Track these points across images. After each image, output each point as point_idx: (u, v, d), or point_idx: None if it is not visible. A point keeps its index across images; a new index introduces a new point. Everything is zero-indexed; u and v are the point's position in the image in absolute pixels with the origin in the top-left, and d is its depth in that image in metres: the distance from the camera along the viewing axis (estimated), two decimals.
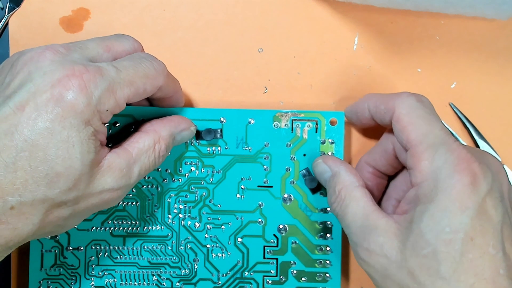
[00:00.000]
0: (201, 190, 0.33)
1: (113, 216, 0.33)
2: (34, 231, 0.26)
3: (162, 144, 0.30)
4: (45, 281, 0.33)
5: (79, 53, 0.28)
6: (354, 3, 0.35)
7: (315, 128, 0.33)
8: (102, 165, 0.27)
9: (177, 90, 0.32)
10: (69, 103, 0.25)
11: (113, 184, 0.27)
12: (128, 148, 0.29)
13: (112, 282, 0.33)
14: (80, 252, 0.33)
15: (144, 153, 0.29)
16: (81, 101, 0.25)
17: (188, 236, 0.33)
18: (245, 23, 0.36)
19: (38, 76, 0.25)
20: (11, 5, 0.35)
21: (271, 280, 0.34)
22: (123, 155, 0.28)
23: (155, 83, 0.29)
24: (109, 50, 0.29)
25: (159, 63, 0.29)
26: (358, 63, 0.36)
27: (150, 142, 0.29)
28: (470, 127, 0.35)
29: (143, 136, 0.29)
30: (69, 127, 0.25)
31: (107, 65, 0.27)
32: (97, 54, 0.28)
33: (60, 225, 0.27)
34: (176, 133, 0.31)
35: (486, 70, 0.36)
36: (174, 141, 0.31)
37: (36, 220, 0.25)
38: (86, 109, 0.26)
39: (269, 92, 0.36)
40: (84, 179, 0.26)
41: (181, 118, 0.32)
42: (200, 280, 0.33)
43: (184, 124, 0.32)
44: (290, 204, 0.34)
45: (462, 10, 0.34)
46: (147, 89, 0.29)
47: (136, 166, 0.29)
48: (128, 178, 0.28)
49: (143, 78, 0.28)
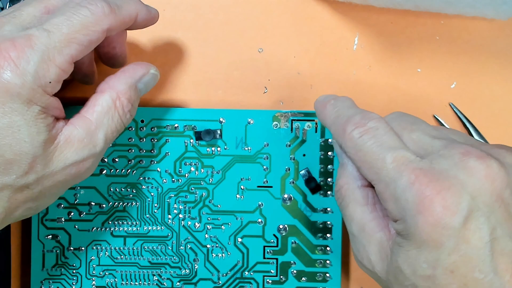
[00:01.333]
0: (200, 191, 0.34)
1: (113, 216, 0.33)
2: (1, 218, 0.25)
3: (123, 99, 0.27)
4: (47, 281, 0.33)
5: (11, 24, 0.25)
6: (354, 3, 0.35)
7: (314, 128, 0.34)
8: (58, 142, 0.25)
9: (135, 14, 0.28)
10: (3, 86, 0.23)
11: (75, 157, 0.26)
12: (86, 115, 0.27)
13: (113, 282, 0.33)
14: (81, 252, 0.33)
15: (105, 114, 0.27)
16: (14, 82, 0.24)
17: (188, 236, 0.34)
18: (245, 23, 0.36)
19: None
20: (11, 5, 0.35)
21: (271, 280, 0.34)
22: (81, 124, 0.26)
23: (98, 29, 0.26)
24: (48, 11, 0.26)
25: (96, 3, 0.26)
26: (358, 63, 0.36)
27: (108, 102, 0.27)
28: (470, 127, 0.35)
29: (99, 97, 0.27)
30: (10, 111, 0.24)
31: (37, 31, 0.24)
32: (34, 18, 0.26)
33: (31, 207, 0.26)
34: (135, 82, 0.28)
35: (486, 70, 0.36)
36: (138, 91, 0.29)
37: (1, 209, 0.25)
38: (23, 89, 0.24)
39: (269, 92, 0.36)
40: (39, 161, 0.25)
41: (136, 65, 0.29)
42: (200, 280, 0.34)
43: (141, 70, 0.29)
44: (290, 204, 0.34)
45: (462, 10, 0.34)
46: (92, 40, 0.26)
47: (100, 131, 0.27)
48: (92, 147, 0.26)
49: (82, 30, 0.25)
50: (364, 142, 0.25)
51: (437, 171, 0.23)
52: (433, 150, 0.24)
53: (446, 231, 0.22)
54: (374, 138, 0.25)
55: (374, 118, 0.26)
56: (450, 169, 0.23)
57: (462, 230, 0.22)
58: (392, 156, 0.24)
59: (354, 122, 0.26)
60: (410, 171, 0.23)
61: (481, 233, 0.22)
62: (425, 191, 0.23)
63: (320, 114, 0.29)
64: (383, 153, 0.24)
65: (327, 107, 0.28)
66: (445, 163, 0.23)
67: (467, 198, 0.22)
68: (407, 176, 0.23)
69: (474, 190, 0.23)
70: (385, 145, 0.25)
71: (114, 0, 0.27)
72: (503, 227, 0.23)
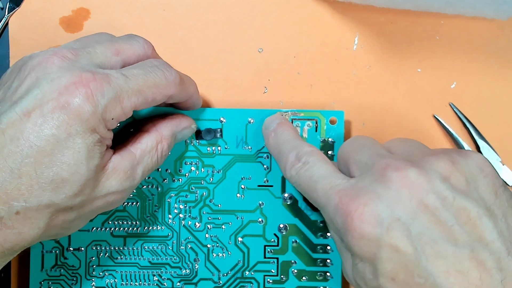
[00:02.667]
0: (201, 190, 0.33)
1: (114, 216, 0.33)
2: (39, 235, 0.26)
3: (164, 143, 0.30)
4: (46, 282, 0.33)
5: (87, 59, 0.27)
6: (354, 3, 0.35)
7: (315, 127, 0.34)
8: (107, 169, 0.27)
9: (191, 95, 0.31)
10: (75, 110, 0.25)
11: (117, 186, 0.28)
12: (132, 150, 0.29)
13: (113, 282, 0.33)
14: (81, 252, 0.33)
15: (147, 153, 0.29)
16: (87, 109, 0.25)
17: (188, 236, 0.33)
18: (245, 23, 0.36)
19: (45, 83, 0.25)
20: (11, 5, 0.35)
21: (271, 279, 0.34)
22: (127, 157, 0.28)
23: (164, 92, 0.28)
24: (118, 54, 0.29)
25: (171, 72, 0.29)
26: (358, 63, 0.36)
27: (153, 143, 0.29)
28: (470, 127, 0.35)
29: (145, 137, 0.29)
30: (75, 134, 0.25)
31: (116, 73, 0.27)
32: (106, 58, 0.28)
33: (66, 227, 0.27)
34: (177, 131, 0.31)
35: (486, 70, 0.36)
36: (175, 140, 0.31)
37: (42, 224, 0.26)
38: (92, 117, 0.26)
39: (269, 92, 0.36)
40: (89, 184, 0.26)
41: (183, 117, 0.32)
42: (201, 280, 0.34)
43: (186, 123, 0.32)
44: (290, 204, 0.34)
45: (462, 10, 0.34)
46: (156, 99, 0.28)
47: (140, 167, 0.29)
48: (132, 180, 0.28)
49: (152, 87, 0.28)
50: (300, 177, 0.28)
51: (358, 188, 0.25)
52: (367, 169, 0.26)
53: (373, 242, 0.24)
54: (306, 172, 0.28)
55: (306, 154, 0.29)
56: (370, 184, 0.25)
57: (388, 239, 0.24)
58: (321, 185, 0.27)
59: (290, 162, 0.29)
60: (335, 194, 0.26)
61: (406, 240, 0.24)
62: (347, 209, 0.25)
63: (266, 144, 0.32)
64: (313, 184, 0.27)
65: (269, 140, 0.32)
66: (367, 180, 0.25)
67: (385, 209, 0.24)
68: (333, 200, 0.26)
69: (391, 200, 0.24)
70: (315, 176, 0.27)
71: (183, 76, 0.30)
72: (432, 231, 0.24)
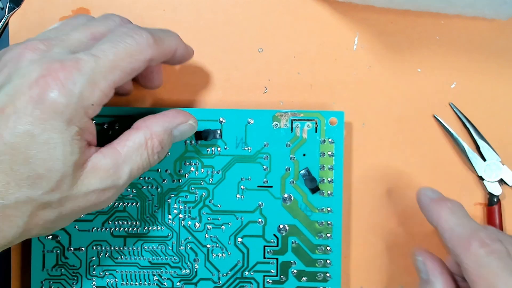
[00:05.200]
0: (201, 191, 0.34)
1: (114, 216, 0.33)
2: (19, 233, 0.25)
3: (155, 140, 0.28)
4: (47, 281, 0.33)
5: (60, 47, 0.26)
6: (354, 3, 0.35)
7: (314, 128, 0.34)
8: (86, 166, 0.26)
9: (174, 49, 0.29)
10: (48, 104, 0.24)
11: (98, 185, 0.26)
12: (117, 147, 0.27)
13: (113, 282, 0.33)
14: (81, 252, 0.33)
15: (135, 151, 0.28)
16: (60, 101, 0.25)
17: (188, 236, 0.34)
18: (245, 23, 0.36)
19: (16, 78, 0.25)
20: (11, 5, 0.35)
21: (271, 280, 0.34)
22: (110, 155, 0.27)
23: (141, 58, 0.27)
24: (94, 37, 0.27)
25: (141, 34, 0.27)
26: (358, 63, 0.36)
27: (141, 139, 0.28)
28: (470, 127, 0.35)
29: (133, 133, 0.28)
30: (50, 129, 0.25)
31: (85, 55, 0.26)
32: (81, 43, 0.27)
33: (47, 227, 0.27)
34: (171, 128, 0.29)
35: (486, 70, 0.36)
36: (172, 137, 0.30)
37: (21, 222, 0.25)
38: (67, 108, 0.25)
39: (269, 92, 0.36)
40: (66, 181, 0.25)
41: (177, 112, 0.30)
42: (200, 280, 0.34)
43: (181, 118, 0.30)
44: (290, 204, 0.34)
45: (462, 10, 0.34)
46: (134, 68, 0.27)
47: (126, 166, 0.27)
48: (116, 178, 0.27)
49: (126, 58, 0.26)
50: (490, 261, 0.26)
51: None
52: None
53: None
54: (499, 260, 0.26)
55: (498, 241, 0.27)
56: None
57: None
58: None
59: (480, 239, 0.26)
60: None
61: None
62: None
63: (433, 214, 0.29)
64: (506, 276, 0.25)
65: (444, 210, 0.28)
66: None
67: None
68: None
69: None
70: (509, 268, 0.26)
71: (157, 33, 0.28)
72: None
